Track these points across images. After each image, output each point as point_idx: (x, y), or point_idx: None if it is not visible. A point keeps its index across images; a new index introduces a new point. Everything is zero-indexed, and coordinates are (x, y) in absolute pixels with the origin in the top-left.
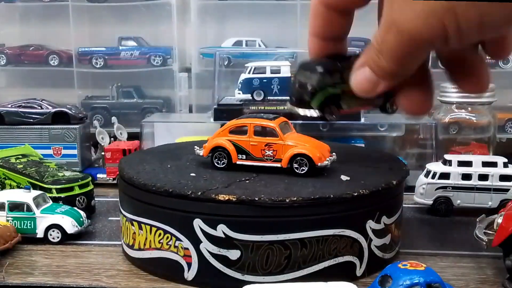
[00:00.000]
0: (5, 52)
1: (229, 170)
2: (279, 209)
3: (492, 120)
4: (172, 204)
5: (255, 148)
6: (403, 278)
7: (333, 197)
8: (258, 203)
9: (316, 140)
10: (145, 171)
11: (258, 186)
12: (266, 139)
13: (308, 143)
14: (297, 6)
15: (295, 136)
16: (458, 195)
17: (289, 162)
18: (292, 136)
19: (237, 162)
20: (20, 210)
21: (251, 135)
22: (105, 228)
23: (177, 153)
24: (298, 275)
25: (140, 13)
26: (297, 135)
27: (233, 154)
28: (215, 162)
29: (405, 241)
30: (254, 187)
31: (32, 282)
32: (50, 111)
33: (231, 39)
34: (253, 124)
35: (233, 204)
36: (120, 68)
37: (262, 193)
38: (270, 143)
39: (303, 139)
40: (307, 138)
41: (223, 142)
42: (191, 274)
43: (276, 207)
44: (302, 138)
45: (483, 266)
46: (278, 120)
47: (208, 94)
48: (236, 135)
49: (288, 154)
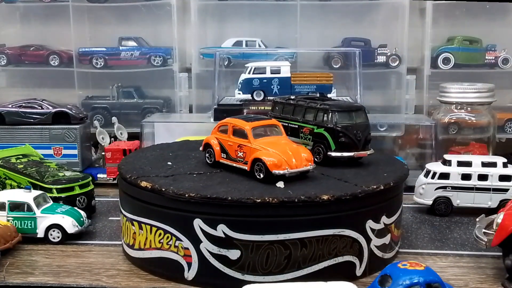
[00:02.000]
0: (5, 52)
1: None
2: (279, 209)
3: (491, 120)
4: (172, 204)
5: (231, 148)
6: (402, 278)
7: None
8: (258, 203)
9: (301, 148)
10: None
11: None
12: (239, 140)
13: (280, 150)
14: (297, 6)
15: (271, 140)
16: (458, 195)
17: (251, 166)
18: (268, 141)
19: (220, 160)
20: (21, 210)
21: (230, 135)
22: (106, 228)
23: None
24: (298, 275)
25: (140, 13)
26: (276, 140)
27: (217, 152)
28: (206, 158)
29: (405, 241)
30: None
31: (32, 282)
32: (50, 111)
33: (231, 39)
34: (232, 124)
35: (233, 204)
36: (120, 68)
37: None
38: (242, 145)
39: (280, 145)
40: (286, 145)
41: (210, 139)
42: (191, 274)
43: (276, 207)
44: (278, 144)
45: (483, 266)
46: (258, 123)
47: (208, 94)
48: (221, 134)
49: (251, 158)
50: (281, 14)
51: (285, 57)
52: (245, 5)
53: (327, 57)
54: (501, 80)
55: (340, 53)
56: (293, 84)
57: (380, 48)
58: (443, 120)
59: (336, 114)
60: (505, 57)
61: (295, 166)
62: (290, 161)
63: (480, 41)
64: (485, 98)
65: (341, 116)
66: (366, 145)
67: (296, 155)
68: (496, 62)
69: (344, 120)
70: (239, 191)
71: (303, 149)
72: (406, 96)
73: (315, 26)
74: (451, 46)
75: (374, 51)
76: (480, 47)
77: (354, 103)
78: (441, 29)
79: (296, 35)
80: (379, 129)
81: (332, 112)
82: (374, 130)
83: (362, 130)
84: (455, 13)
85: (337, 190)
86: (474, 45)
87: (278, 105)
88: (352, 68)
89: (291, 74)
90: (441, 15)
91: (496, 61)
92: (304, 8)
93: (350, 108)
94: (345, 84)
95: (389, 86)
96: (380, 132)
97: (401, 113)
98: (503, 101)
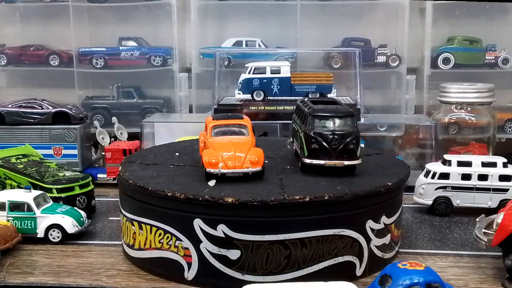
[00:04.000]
0: (5, 52)
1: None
2: (279, 209)
3: (491, 120)
4: (172, 204)
5: (205, 145)
6: (402, 278)
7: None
8: (258, 203)
9: (253, 150)
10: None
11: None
12: (206, 137)
13: (225, 150)
14: (297, 6)
15: (225, 139)
16: (458, 195)
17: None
18: (221, 139)
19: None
20: (21, 210)
21: (206, 132)
22: (106, 228)
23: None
24: (298, 275)
25: (140, 13)
26: (231, 139)
27: (201, 149)
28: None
29: (404, 241)
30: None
31: (32, 282)
32: (50, 111)
33: (231, 39)
34: (206, 121)
35: (233, 204)
36: (120, 68)
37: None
38: (205, 142)
39: (228, 145)
40: (234, 146)
41: (200, 137)
42: (191, 274)
43: (277, 207)
44: (227, 144)
45: (483, 266)
46: (222, 122)
47: (208, 94)
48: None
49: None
50: (281, 14)
51: (285, 57)
52: (245, 5)
53: (327, 57)
54: (501, 80)
55: (340, 53)
56: (293, 84)
57: (380, 48)
58: (443, 120)
59: (313, 119)
60: (505, 57)
61: (232, 167)
62: (227, 162)
63: (480, 41)
64: (485, 98)
65: (319, 122)
66: (345, 155)
67: (239, 157)
68: (496, 62)
69: (321, 126)
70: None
71: (255, 152)
72: (406, 96)
73: (315, 26)
74: (451, 46)
75: (374, 51)
76: (480, 47)
77: (341, 109)
78: (441, 29)
79: (296, 35)
80: (379, 129)
81: (310, 116)
82: (375, 130)
83: (341, 138)
84: (455, 13)
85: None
86: (474, 45)
87: (296, 108)
88: (352, 68)
89: (291, 74)
90: (441, 15)
91: (496, 61)
92: (304, 8)
93: (330, 114)
94: (345, 84)
95: (389, 86)
96: (380, 132)
97: (401, 113)
98: (503, 101)
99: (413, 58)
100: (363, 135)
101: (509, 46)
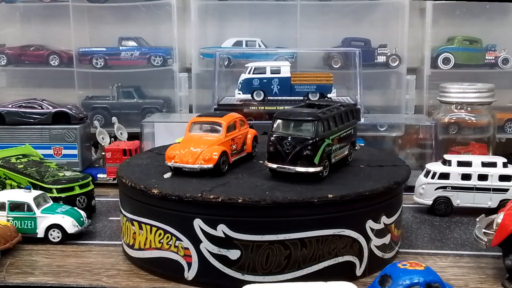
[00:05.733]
0: (5, 52)
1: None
2: (279, 209)
3: (491, 120)
4: (172, 205)
5: None
6: (402, 278)
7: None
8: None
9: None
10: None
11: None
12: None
13: (187, 145)
14: (297, 6)
15: (194, 135)
16: (458, 195)
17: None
18: (191, 135)
19: None
20: (21, 210)
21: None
22: (106, 228)
23: None
24: (298, 275)
25: (140, 13)
26: (200, 136)
27: None
28: None
29: (404, 241)
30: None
31: (32, 282)
32: (50, 111)
33: (231, 39)
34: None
35: (233, 204)
36: (120, 68)
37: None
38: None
39: (192, 141)
40: (195, 142)
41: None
42: (191, 274)
43: (276, 207)
44: (192, 140)
45: (483, 266)
46: (200, 119)
47: (208, 94)
48: None
49: None
50: (281, 14)
51: (285, 57)
52: (245, 5)
53: (327, 57)
54: (501, 80)
55: (340, 53)
56: (293, 84)
57: (380, 48)
58: (443, 120)
59: (275, 122)
60: (505, 57)
61: (184, 162)
62: (183, 156)
63: (480, 41)
64: (485, 98)
65: (279, 125)
66: (299, 161)
67: (193, 153)
68: (496, 62)
69: (281, 129)
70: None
71: (212, 150)
72: (406, 96)
73: (315, 26)
74: (451, 46)
75: (374, 51)
76: (480, 47)
77: (304, 114)
78: (441, 29)
79: (296, 35)
80: (379, 129)
81: (273, 119)
82: (375, 130)
83: (296, 143)
84: (455, 13)
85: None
86: (474, 45)
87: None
88: (352, 68)
89: (291, 74)
90: (441, 15)
91: (496, 61)
92: (304, 8)
93: (289, 118)
94: (345, 84)
95: (389, 86)
96: (380, 132)
97: (401, 113)
98: (503, 101)
99: (413, 58)
100: (363, 135)
101: (509, 46)
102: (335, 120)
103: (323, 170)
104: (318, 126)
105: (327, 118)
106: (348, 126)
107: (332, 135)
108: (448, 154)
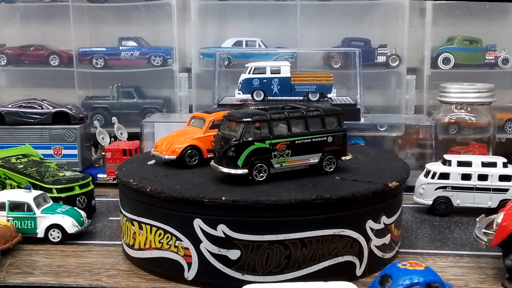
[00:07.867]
0: (5, 52)
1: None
2: (279, 209)
3: (491, 120)
4: (172, 205)
5: None
6: (402, 278)
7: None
8: (258, 203)
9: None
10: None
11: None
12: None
13: (170, 137)
14: (297, 6)
15: (182, 129)
16: (458, 195)
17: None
18: (182, 128)
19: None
20: (21, 210)
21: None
22: (106, 228)
23: None
24: (298, 275)
25: (140, 13)
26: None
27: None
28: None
29: (405, 241)
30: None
31: (32, 282)
32: (50, 111)
33: (231, 39)
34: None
35: (233, 204)
36: (120, 68)
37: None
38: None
39: (177, 134)
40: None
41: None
42: (191, 274)
43: (276, 207)
44: (177, 133)
45: (483, 266)
46: (197, 114)
47: (208, 94)
48: None
49: None
50: (281, 14)
51: (285, 57)
52: (245, 5)
53: (327, 57)
54: (501, 80)
55: (340, 53)
56: (293, 84)
57: (380, 48)
58: (443, 120)
59: (222, 121)
60: (505, 57)
61: (159, 151)
62: (162, 147)
63: (480, 41)
64: (485, 98)
65: (223, 124)
66: (224, 161)
67: (167, 144)
68: (496, 62)
69: (221, 128)
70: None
71: (180, 142)
72: (406, 96)
73: (315, 26)
74: (451, 46)
75: (374, 51)
76: (480, 47)
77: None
78: (441, 29)
79: (296, 35)
80: (379, 129)
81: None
82: (375, 130)
83: (223, 142)
84: (455, 13)
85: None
86: (474, 45)
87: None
88: (352, 68)
89: (291, 74)
90: (441, 15)
91: (496, 61)
92: (304, 8)
93: (226, 118)
94: (345, 84)
95: (389, 86)
96: (380, 132)
97: (401, 113)
98: (503, 101)
99: (413, 58)
100: (363, 135)
101: (509, 46)
102: (288, 125)
103: (253, 173)
104: (245, 128)
105: (268, 121)
106: (318, 134)
107: (275, 139)
108: (448, 154)
